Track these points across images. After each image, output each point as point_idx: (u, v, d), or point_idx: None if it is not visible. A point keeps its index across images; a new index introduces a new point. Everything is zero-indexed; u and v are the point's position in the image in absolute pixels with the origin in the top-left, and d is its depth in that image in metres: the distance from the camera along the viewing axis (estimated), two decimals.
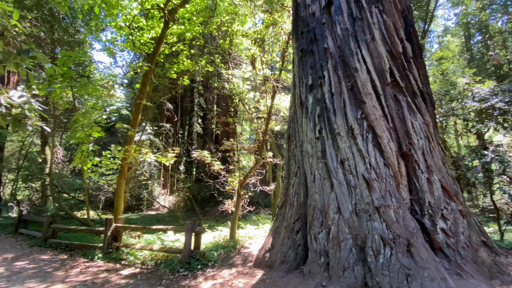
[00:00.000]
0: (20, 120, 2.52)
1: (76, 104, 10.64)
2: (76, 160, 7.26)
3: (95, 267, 5.74)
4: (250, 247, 6.76)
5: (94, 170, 9.22)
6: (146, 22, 9.57)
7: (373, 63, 4.71)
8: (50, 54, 12.08)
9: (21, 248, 7.95)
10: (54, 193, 12.37)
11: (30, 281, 4.82)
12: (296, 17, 6.36)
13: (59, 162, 17.53)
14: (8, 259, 6.47)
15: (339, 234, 4.00)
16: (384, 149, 4.18)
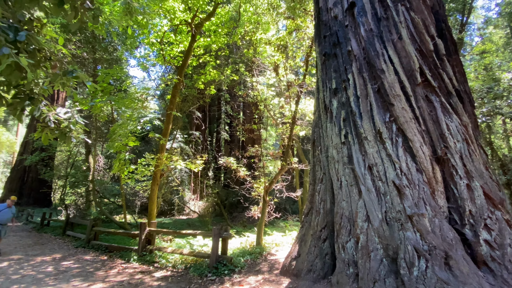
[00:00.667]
0: (65, 133, 2.84)
1: (115, 115, 11.59)
2: (115, 168, 7.86)
3: (131, 269, 6.11)
4: (276, 254, 6.70)
5: (130, 177, 9.89)
6: (175, 37, 10.17)
7: (401, 63, 4.49)
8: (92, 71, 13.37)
9: (67, 248, 8.75)
10: (96, 198, 13.45)
11: (75, 280, 5.28)
12: (318, 22, 6.32)
13: (100, 169, 19.09)
14: (56, 259, 7.15)
15: (369, 244, 3.82)
16: (416, 153, 3.93)
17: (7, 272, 5.78)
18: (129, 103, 8.29)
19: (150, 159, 8.79)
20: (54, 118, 2.62)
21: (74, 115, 2.73)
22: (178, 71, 9.49)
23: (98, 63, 14.01)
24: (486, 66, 15.02)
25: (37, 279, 5.24)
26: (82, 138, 2.90)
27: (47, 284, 4.94)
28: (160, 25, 10.17)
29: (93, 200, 13.68)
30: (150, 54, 11.20)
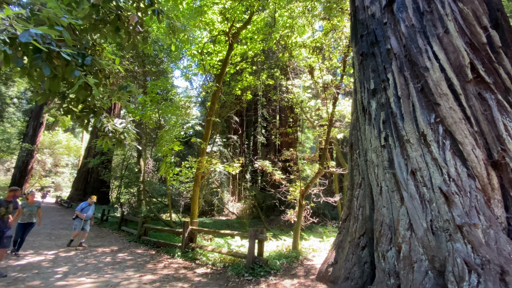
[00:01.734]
0: (121, 141, 3.28)
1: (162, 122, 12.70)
2: (161, 170, 8.61)
3: (176, 264, 6.61)
4: (313, 259, 6.60)
5: (175, 179, 10.70)
6: (214, 47, 10.76)
7: (448, 59, 4.13)
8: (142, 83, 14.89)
9: (122, 242, 9.79)
10: (146, 198, 14.78)
11: (129, 270, 5.91)
12: (354, 21, 6.14)
13: (149, 171, 20.90)
14: (113, 251, 8.06)
15: (412, 254, 3.58)
16: (467, 157, 3.57)
17: (74, 260, 6.73)
18: (174, 110, 9.05)
19: (193, 162, 9.41)
20: (112, 128, 3.05)
21: (128, 125, 3.16)
22: (217, 79, 10.02)
23: (147, 75, 15.53)
24: None
25: (98, 268, 6.00)
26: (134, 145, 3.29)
27: (106, 272, 5.63)
28: (200, 37, 10.87)
29: (144, 199, 15.05)
30: (192, 64, 12.01)
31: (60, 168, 38.34)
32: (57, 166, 38.17)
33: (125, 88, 3.38)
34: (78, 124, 3.19)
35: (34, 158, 30.18)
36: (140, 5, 2.92)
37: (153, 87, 6.83)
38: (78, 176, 30.31)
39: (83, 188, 28.68)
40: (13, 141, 30.52)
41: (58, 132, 36.86)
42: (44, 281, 4.88)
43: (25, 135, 30.54)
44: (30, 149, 28.44)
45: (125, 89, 3.37)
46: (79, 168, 31.62)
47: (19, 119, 33.02)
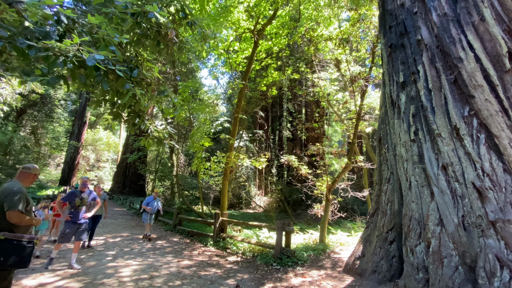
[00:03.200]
0: (161, 140, 3.68)
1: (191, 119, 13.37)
2: (194, 165, 9.19)
3: (209, 252, 7.11)
4: (340, 253, 6.68)
5: (206, 173, 11.29)
6: (240, 45, 11.01)
7: (485, 48, 3.92)
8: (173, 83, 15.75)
9: (159, 231, 10.65)
10: (179, 190, 15.74)
11: (168, 256, 6.52)
12: (383, 11, 5.96)
13: (181, 166, 22.09)
14: (153, 238, 8.84)
15: (441, 249, 3.56)
16: (504, 151, 3.42)
17: (121, 245, 7.55)
18: (203, 109, 9.54)
19: (221, 157, 9.87)
20: (154, 129, 3.45)
21: (167, 127, 3.54)
22: (243, 76, 10.29)
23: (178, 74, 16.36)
24: None
25: (141, 252, 6.70)
26: (172, 144, 3.69)
27: (149, 257, 6.27)
28: (226, 36, 11.17)
29: (177, 192, 16.04)
30: (219, 63, 12.41)
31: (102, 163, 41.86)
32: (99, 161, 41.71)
33: (163, 93, 3.76)
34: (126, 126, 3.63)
35: (79, 154, 33.38)
36: (175, 18, 3.23)
37: (185, 88, 7.31)
38: (118, 171, 32.94)
39: (122, 181, 31.16)
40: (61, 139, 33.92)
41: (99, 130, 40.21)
42: (98, 262, 5.62)
43: (71, 133, 33.85)
44: (77, 146, 31.47)
45: (163, 94, 3.75)
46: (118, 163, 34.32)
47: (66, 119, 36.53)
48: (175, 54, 3.46)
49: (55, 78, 2.13)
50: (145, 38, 3.07)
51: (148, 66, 3.74)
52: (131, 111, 3.51)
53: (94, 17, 2.50)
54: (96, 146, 38.81)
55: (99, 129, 40.50)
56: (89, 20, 2.28)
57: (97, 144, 38.59)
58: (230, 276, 5.03)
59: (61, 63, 1.93)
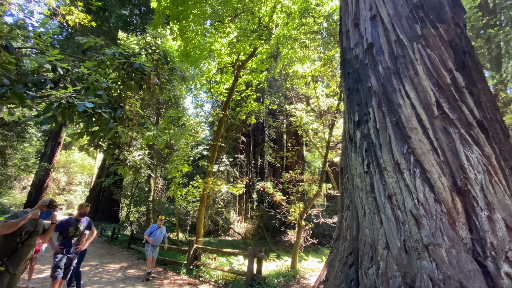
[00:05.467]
0: (138, 169, 3.99)
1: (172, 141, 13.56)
2: (171, 191, 9.29)
3: (181, 280, 7.06)
4: (310, 278, 6.92)
5: (183, 199, 11.31)
6: (221, 77, 11.81)
7: (418, 97, 4.77)
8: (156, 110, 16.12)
9: (131, 259, 10.30)
10: (155, 217, 15.37)
11: (138, 285, 6.42)
12: (343, 59, 6.93)
13: (159, 190, 21.63)
14: (123, 267, 8.59)
15: (388, 271, 4.01)
16: (434, 184, 4.08)
17: (88, 274, 7.30)
18: (185, 133, 9.87)
19: (199, 182, 10.05)
20: (132, 160, 3.79)
21: (145, 157, 3.89)
22: (223, 106, 10.92)
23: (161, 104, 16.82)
24: None
25: (111, 282, 6.54)
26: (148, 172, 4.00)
27: (118, 286, 6.15)
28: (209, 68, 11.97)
29: (153, 218, 15.64)
30: (201, 92, 13.07)
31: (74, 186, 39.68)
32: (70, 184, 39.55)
33: (143, 125, 4.15)
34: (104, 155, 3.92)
35: (50, 176, 31.62)
36: (158, 64, 3.75)
37: (167, 118, 7.70)
38: (90, 195, 31.36)
39: (95, 206, 29.58)
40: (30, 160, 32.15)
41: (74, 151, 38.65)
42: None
43: (43, 154, 32.24)
44: (48, 168, 29.91)
45: (143, 125, 4.15)
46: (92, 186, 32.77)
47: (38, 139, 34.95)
48: (157, 93, 3.93)
49: (48, 119, 2.49)
50: (129, 80, 3.53)
51: (130, 102, 4.16)
52: (112, 143, 3.84)
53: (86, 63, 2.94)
54: (69, 168, 37.04)
55: (74, 151, 38.96)
56: (81, 70, 2.71)
57: (71, 166, 36.88)
58: None
59: (55, 108, 2.31)
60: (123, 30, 16.74)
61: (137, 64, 3.14)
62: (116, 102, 3.31)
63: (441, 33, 5.14)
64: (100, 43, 3.37)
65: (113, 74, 3.71)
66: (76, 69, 2.75)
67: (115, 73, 3.77)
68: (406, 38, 5.27)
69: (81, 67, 2.74)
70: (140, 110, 4.04)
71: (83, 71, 2.70)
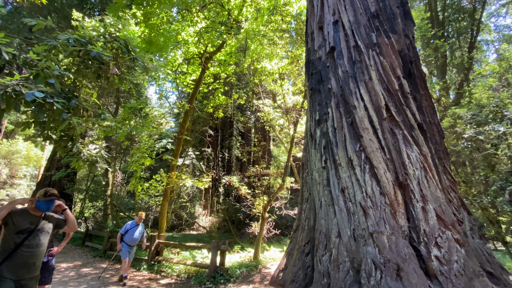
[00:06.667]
0: (93, 163, 3.81)
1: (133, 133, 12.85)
2: (131, 185, 8.89)
3: (141, 276, 6.89)
4: (271, 268, 7.27)
5: (145, 193, 10.89)
6: (188, 68, 11.47)
7: (371, 100, 5.24)
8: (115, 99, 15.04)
9: (86, 257, 9.70)
10: (113, 212, 14.56)
11: (93, 283, 6.13)
12: (308, 60, 7.25)
13: (118, 184, 20.42)
14: (77, 266, 8.08)
15: (339, 257, 4.43)
16: (380, 179, 4.58)
17: None
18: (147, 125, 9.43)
19: (162, 176, 9.76)
20: (86, 153, 3.59)
21: (102, 151, 3.71)
22: (189, 99, 10.66)
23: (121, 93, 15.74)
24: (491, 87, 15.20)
25: (62, 281, 6.14)
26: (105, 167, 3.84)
27: (71, 286, 5.81)
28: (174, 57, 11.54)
29: (111, 213, 14.80)
30: (166, 82, 12.57)
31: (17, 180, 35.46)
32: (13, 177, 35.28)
33: (100, 116, 3.95)
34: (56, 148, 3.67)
35: None
36: (118, 52, 3.57)
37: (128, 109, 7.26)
38: (38, 189, 28.37)
39: None
40: None
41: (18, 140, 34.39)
42: None
43: None
44: None
45: (100, 117, 3.94)
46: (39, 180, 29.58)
47: None
48: (116, 83, 3.75)
49: None
50: (85, 69, 3.32)
51: (86, 92, 3.91)
52: (64, 134, 3.60)
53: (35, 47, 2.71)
54: (11, 160, 32.89)
55: (18, 140, 34.66)
56: (30, 55, 2.49)
57: (13, 157, 32.79)
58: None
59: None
60: (78, 9, 15.20)
61: (95, 52, 2.96)
62: (70, 91, 3.09)
63: (393, 42, 5.67)
64: (52, 26, 3.09)
65: (67, 60, 3.46)
66: (24, 54, 2.51)
67: (69, 59, 3.51)
68: (363, 45, 5.71)
69: (30, 52, 2.51)
70: (97, 100, 3.81)
71: (32, 56, 2.48)
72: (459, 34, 21.07)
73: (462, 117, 8.24)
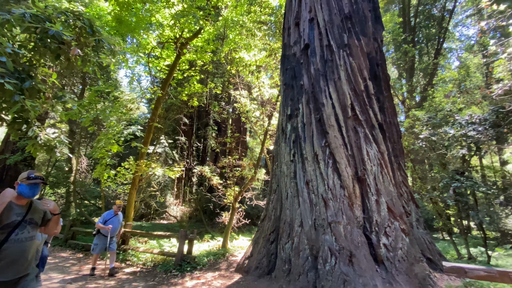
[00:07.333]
0: (52, 148, 3.62)
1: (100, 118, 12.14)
2: (96, 172, 8.50)
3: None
4: (238, 256, 7.49)
5: (112, 180, 10.46)
6: (162, 53, 11.02)
7: (339, 99, 5.52)
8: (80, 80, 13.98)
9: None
10: (77, 200, 13.82)
11: (52, 272, 5.88)
12: (283, 55, 7.36)
13: (82, 171, 19.30)
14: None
15: (300, 245, 4.72)
16: (341, 173, 4.90)
17: None
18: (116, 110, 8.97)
19: (131, 164, 9.44)
20: (44, 137, 3.40)
21: (61, 136, 3.52)
22: (162, 85, 10.30)
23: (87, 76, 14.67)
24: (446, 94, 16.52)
25: None
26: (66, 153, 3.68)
27: None
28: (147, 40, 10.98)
29: (73, 201, 14.04)
30: (137, 66, 11.96)
31: None
32: None
33: (61, 98, 3.74)
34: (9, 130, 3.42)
35: None
36: (82, 32, 3.37)
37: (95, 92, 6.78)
38: None
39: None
40: None
41: None
42: None
43: None
44: None
45: (60, 99, 3.73)
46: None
47: None
48: (78, 63, 3.54)
49: None
50: (43, 47, 3.10)
51: (44, 72, 3.66)
52: (18, 116, 3.38)
53: None
54: None
55: None
56: None
57: None
58: (124, 287, 5.04)
59: None
60: None
61: (53, 31, 2.77)
62: (25, 70, 2.88)
63: (363, 45, 5.95)
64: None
65: (22, 36, 3.23)
66: None
67: (25, 35, 3.25)
68: (335, 45, 5.93)
69: None
70: (56, 81, 3.58)
71: None
72: (428, 40, 22.48)
73: (420, 119, 8.95)
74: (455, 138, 7.39)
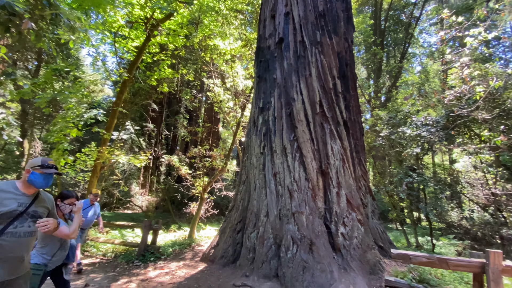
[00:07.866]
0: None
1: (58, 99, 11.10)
2: (51, 158, 7.83)
3: None
4: (204, 245, 7.53)
5: (69, 167, 9.74)
6: (130, 33, 10.32)
7: (308, 95, 5.70)
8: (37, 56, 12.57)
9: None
10: None
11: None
12: (258, 47, 7.34)
13: (36, 155, 17.64)
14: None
15: (264, 234, 4.89)
16: (307, 166, 5.13)
17: None
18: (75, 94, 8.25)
19: (92, 150, 8.85)
20: None
21: (9, 117, 3.19)
22: (129, 67, 9.70)
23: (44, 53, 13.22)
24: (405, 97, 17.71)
25: None
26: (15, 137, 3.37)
27: None
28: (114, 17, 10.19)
29: None
30: (101, 45, 11.08)
31: None
32: None
33: (10, 75, 3.38)
34: None
35: None
36: (37, 5, 3.03)
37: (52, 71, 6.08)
38: None
39: None
40: None
41: None
42: None
43: None
44: None
45: (9, 76, 3.37)
46: None
47: None
48: (32, 40, 3.20)
49: None
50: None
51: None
52: None
53: None
54: None
55: None
56: None
57: None
58: (81, 278, 4.82)
59: None
60: None
61: (4, 1, 2.45)
62: None
63: (334, 44, 6.16)
64: None
65: None
66: None
67: None
68: (308, 41, 6.06)
69: None
70: (5, 56, 3.20)
71: None
72: (395, 43, 23.88)
73: (382, 119, 9.60)
74: (411, 137, 8.07)
